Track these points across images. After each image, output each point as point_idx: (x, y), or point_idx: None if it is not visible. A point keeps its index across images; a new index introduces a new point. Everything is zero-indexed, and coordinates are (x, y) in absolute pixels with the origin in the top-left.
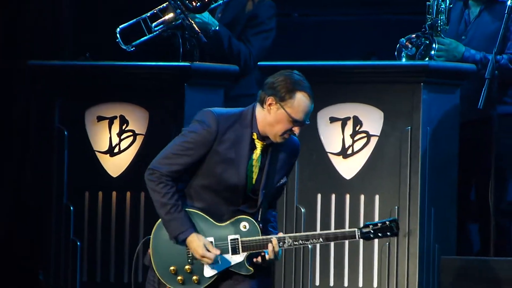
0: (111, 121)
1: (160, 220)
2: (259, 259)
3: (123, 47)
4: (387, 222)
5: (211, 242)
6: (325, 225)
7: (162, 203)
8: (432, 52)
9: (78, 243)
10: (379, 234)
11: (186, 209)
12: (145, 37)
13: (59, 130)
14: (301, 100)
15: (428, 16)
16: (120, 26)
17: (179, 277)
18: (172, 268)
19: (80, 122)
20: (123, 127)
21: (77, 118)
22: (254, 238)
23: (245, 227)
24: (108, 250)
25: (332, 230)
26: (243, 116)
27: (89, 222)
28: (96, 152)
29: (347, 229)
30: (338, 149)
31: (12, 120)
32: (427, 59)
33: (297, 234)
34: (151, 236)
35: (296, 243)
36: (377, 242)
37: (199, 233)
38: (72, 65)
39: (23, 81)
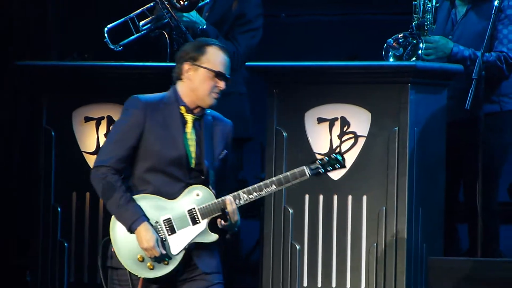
0: (98, 121)
1: (113, 218)
2: (222, 221)
3: (111, 47)
4: (333, 156)
5: (169, 218)
6: (313, 225)
7: (111, 196)
8: (420, 52)
9: (66, 244)
10: (328, 168)
11: (137, 195)
12: (133, 37)
13: (47, 130)
14: (213, 53)
15: (414, 16)
16: (108, 26)
17: (148, 264)
18: (138, 256)
19: (68, 123)
20: (110, 127)
21: (64, 119)
22: (210, 202)
23: (198, 195)
24: (96, 251)
25: (284, 173)
26: (167, 96)
27: (76, 223)
28: (83, 153)
29: (296, 169)
30: (325, 149)
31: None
32: (414, 59)
33: (250, 187)
34: (110, 234)
35: (252, 196)
36: (364, 244)
37: (148, 224)
38: (60, 66)
39: (11, 82)
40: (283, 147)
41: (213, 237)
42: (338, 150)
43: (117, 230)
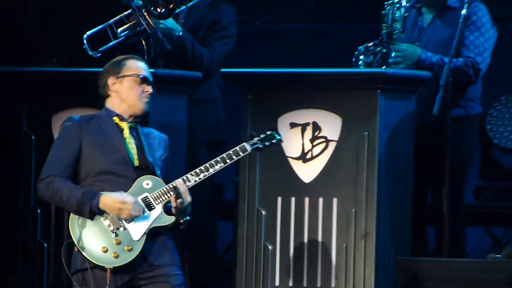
0: None
1: (70, 218)
2: (177, 203)
3: (90, 53)
4: (269, 132)
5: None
6: (285, 227)
7: (60, 195)
8: (390, 60)
9: (45, 245)
10: (267, 143)
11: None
12: (111, 43)
13: (27, 134)
14: (132, 62)
15: (384, 25)
16: (87, 33)
17: (112, 253)
18: (102, 248)
19: (47, 127)
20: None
21: (44, 123)
22: (161, 188)
23: (148, 184)
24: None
25: (225, 155)
26: (100, 113)
27: (55, 224)
28: None
29: (237, 146)
30: (297, 153)
31: None
32: (384, 66)
33: (197, 168)
34: (71, 235)
35: (200, 176)
36: (334, 244)
37: (108, 194)
38: (39, 71)
39: None
40: (257, 155)
41: (170, 219)
42: (306, 151)
43: (77, 230)
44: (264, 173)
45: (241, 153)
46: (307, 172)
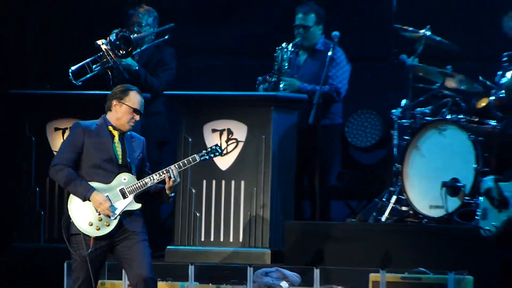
0: (63, 131)
1: (69, 197)
2: (171, 182)
3: (74, 82)
4: (213, 146)
5: (107, 196)
6: (208, 200)
7: (66, 181)
8: (280, 86)
9: (42, 213)
10: (211, 155)
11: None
12: (88, 75)
13: (29, 137)
14: (133, 95)
15: (275, 62)
16: (72, 68)
17: (95, 226)
18: (88, 222)
19: (43, 132)
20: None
21: (41, 129)
22: (133, 183)
23: (125, 179)
24: (62, 218)
25: (182, 160)
26: (99, 122)
27: (49, 198)
28: (54, 152)
29: (190, 156)
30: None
31: None
32: (275, 91)
33: (172, 165)
34: (68, 210)
35: (163, 174)
36: (242, 212)
37: (97, 192)
38: (37, 93)
39: (6, 104)
40: (188, 149)
41: (138, 205)
42: (223, 148)
43: (73, 207)
44: (194, 164)
45: (192, 162)
46: (223, 163)
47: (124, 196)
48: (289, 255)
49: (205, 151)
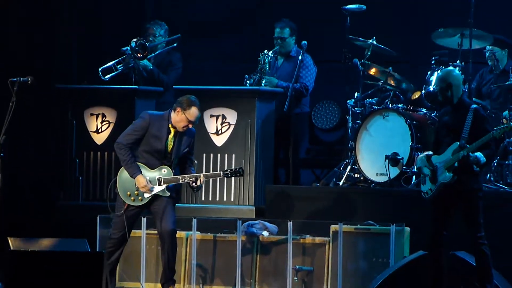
0: (97, 116)
1: (121, 169)
2: (195, 185)
3: (103, 78)
4: (238, 168)
5: (148, 179)
6: (207, 169)
7: (124, 159)
8: (262, 83)
9: (80, 178)
10: (234, 174)
11: (136, 162)
12: (114, 73)
13: (71, 121)
14: (193, 111)
15: (259, 64)
16: (101, 67)
17: (131, 197)
18: (128, 193)
19: (82, 116)
20: (103, 119)
21: (80, 115)
22: (169, 176)
23: (164, 171)
24: (96, 182)
25: (210, 172)
26: (165, 115)
27: (86, 167)
28: (89, 132)
29: (217, 171)
30: (214, 130)
31: (46, 116)
32: (258, 86)
33: (191, 174)
34: (117, 178)
35: (191, 179)
36: (233, 179)
37: (142, 175)
38: (77, 87)
39: (52, 96)
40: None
41: (167, 194)
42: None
43: (121, 177)
44: (197, 141)
45: (218, 176)
46: (219, 141)
47: (160, 184)
48: (269, 211)
49: (229, 170)
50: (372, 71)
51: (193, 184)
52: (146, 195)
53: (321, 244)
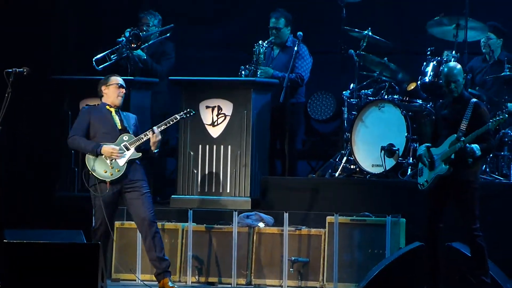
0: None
1: (86, 156)
2: (154, 138)
3: (97, 68)
4: (189, 109)
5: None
6: (203, 160)
7: (80, 144)
8: (258, 73)
9: (76, 169)
10: (187, 114)
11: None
12: (108, 63)
13: (66, 112)
14: (113, 78)
15: (254, 55)
16: (95, 57)
17: (109, 173)
18: (103, 170)
19: (77, 107)
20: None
21: (75, 106)
22: (132, 138)
23: (125, 138)
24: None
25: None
26: (99, 104)
27: (81, 158)
28: None
29: (171, 117)
30: (210, 122)
31: (41, 107)
32: (254, 77)
33: (158, 125)
34: (87, 166)
35: (160, 128)
36: (229, 170)
37: (106, 144)
38: (73, 78)
39: (47, 87)
40: (188, 121)
41: (138, 154)
42: (214, 120)
43: (91, 162)
44: (192, 132)
45: (174, 120)
46: (215, 132)
47: (128, 148)
48: (265, 203)
49: (182, 112)
50: (368, 61)
51: (154, 139)
52: (121, 163)
53: (317, 235)
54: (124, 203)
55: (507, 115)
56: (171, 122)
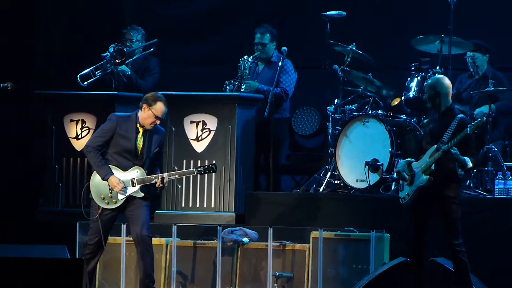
0: (77, 122)
1: (93, 173)
2: (159, 185)
3: (82, 84)
4: (210, 165)
5: (120, 180)
6: (187, 177)
7: (94, 162)
8: (242, 88)
9: (60, 185)
10: (207, 171)
11: (108, 165)
12: (92, 79)
13: (50, 126)
14: (160, 106)
15: (239, 70)
16: (80, 74)
17: (106, 201)
18: (101, 196)
19: (61, 122)
20: (83, 125)
21: (60, 120)
22: (142, 176)
23: (137, 172)
24: (75, 189)
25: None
26: (132, 116)
27: (65, 173)
28: (69, 138)
29: (188, 169)
30: (194, 136)
31: (25, 121)
32: (238, 92)
33: (167, 173)
34: (90, 183)
35: (171, 177)
36: (213, 185)
37: (115, 176)
38: (57, 93)
39: (31, 101)
40: (172, 136)
41: (141, 194)
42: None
43: (93, 181)
44: (176, 147)
45: (190, 174)
46: (199, 147)
47: (133, 185)
48: (250, 218)
49: (202, 167)
50: (352, 77)
51: (160, 184)
52: (120, 197)
53: (301, 250)
54: (123, 214)
55: (485, 118)
56: (186, 175)
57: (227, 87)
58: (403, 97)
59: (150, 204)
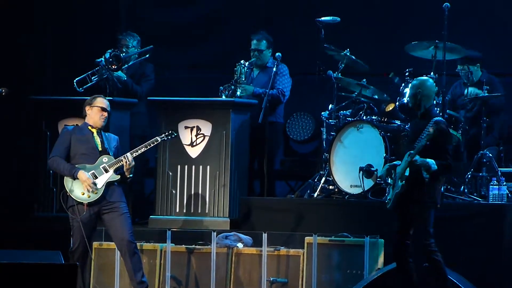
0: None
1: (64, 178)
2: (127, 166)
3: (78, 89)
4: (170, 131)
5: (93, 173)
6: (182, 181)
7: (60, 167)
8: (237, 93)
9: (54, 190)
10: (169, 137)
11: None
12: (88, 84)
13: (45, 132)
14: (99, 100)
15: (235, 75)
16: (76, 79)
17: (87, 195)
18: (81, 192)
19: (56, 128)
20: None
21: (54, 126)
22: (112, 161)
23: (105, 159)
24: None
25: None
26: (81, 124)
27: (60, 178)
28: None
29: (153, 138)
30: (188, 142)
31: (19, 127)
32: (233, 98)
33: (133, 150)
34: (65, 187)
35: (134, 153)
36: (207, 190)
37: (83, 171)
38: (51, 99)
39: (26, 107)
40: (167, 142)
41: (117, 176)
42: (193, 141)
43: (68, 184)
44: (171, 152)
45: (155, 142)
46: (193, 152)
47: (106, 171)
48: (244, 223)
49: (164, 134)
50: (346, 83)
51: (127, 166)
52: (99, 185)
53: (295, 256)
54: (103, 224)
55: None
56: (152, 145)
57: (222, 93)
58: (397, 103)
59: (128, 209)
